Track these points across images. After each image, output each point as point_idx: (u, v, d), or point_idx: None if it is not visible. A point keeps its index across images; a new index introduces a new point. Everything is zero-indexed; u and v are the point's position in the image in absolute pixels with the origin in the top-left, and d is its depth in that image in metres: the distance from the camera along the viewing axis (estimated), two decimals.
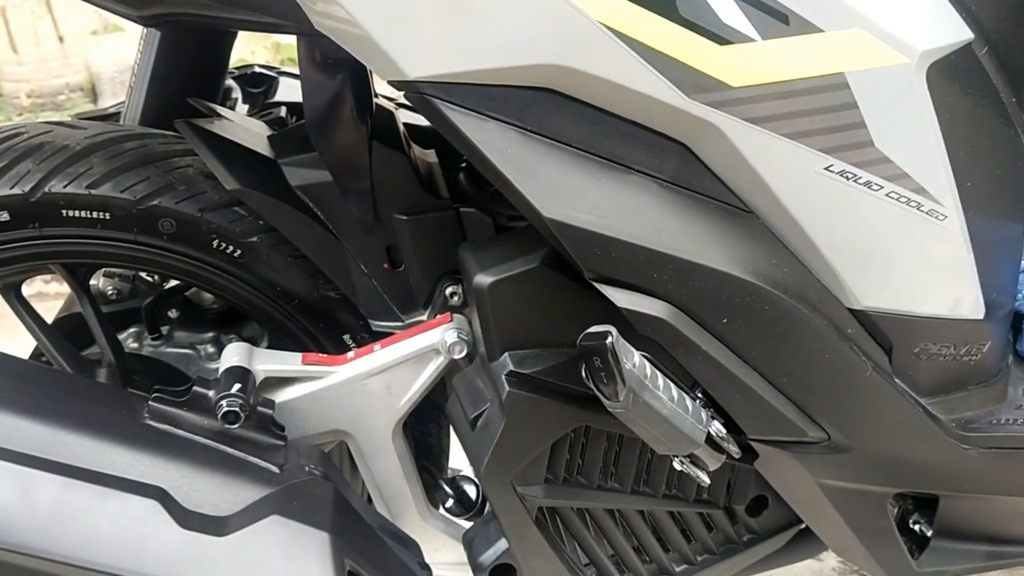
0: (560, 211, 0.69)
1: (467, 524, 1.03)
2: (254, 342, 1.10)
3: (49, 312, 1.09)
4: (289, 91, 1.23)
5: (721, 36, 0.66)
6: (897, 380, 0.83)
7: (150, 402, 0.80)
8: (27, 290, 1.03)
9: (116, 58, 3.93)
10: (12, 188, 0.88)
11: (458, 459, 1.20)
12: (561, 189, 0.70)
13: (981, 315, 0.85)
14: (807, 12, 0.68)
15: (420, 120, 1.05)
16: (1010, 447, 0.89)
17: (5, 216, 0.88)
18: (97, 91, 4.08)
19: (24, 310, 1.01)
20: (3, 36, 4.12)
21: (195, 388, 0.81)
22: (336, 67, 0.86)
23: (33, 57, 4.08)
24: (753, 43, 0.67)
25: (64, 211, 0.89)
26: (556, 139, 0.70)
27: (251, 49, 4.11)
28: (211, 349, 1.13)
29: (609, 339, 0.70)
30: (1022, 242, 0.89)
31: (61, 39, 4.14)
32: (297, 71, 1.29)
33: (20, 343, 1.11)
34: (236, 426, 0.81)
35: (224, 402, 0.81)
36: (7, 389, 0.76)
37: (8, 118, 3.85)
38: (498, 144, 0.69)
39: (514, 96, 0.68)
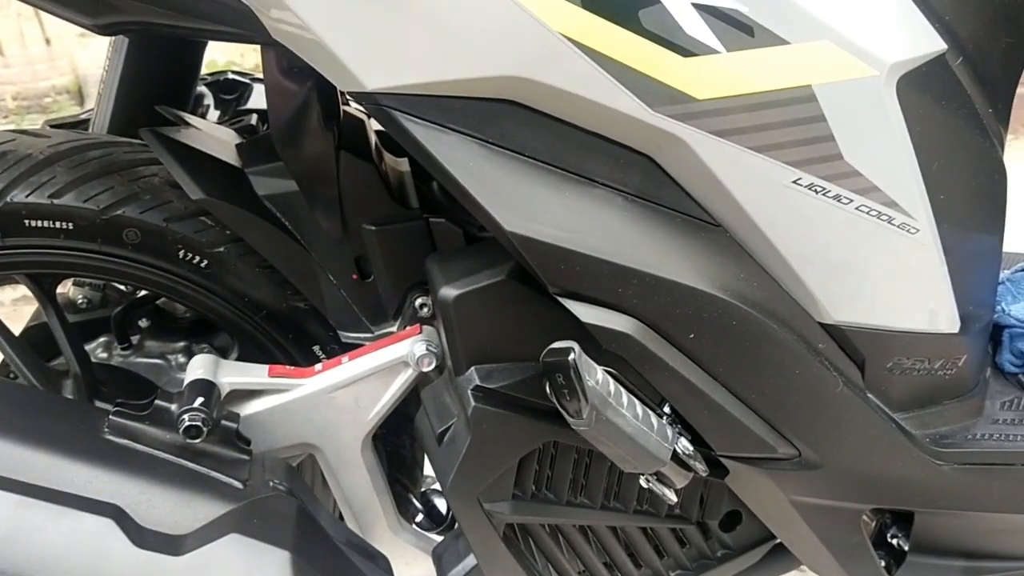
0: (523, 225, 0.68)
1: (438, 538, 1.01)
2: (225, 352, 1.08)
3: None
4: (262, 98, 1.22)
5: (685, 48, 0.65)
6: (870, 395, 0.82)
7: (110, 416, 0.79)
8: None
9: (103, 61, 3.91)
10: None
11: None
12: (523, 202, 0.68)
13: (956, 328, 0.84)
14: (772, 24, 0.66)
15: None
16: (985, 463, 0.88)
17: None
18: (84, 94, 4.05)
19: None
20: None
21: (157, 402, 0.80)
22: (301, 75, 0.84)
23: (19, 59, 4.05)
24: (718, 55, 0.66)
25: (27, 221, 0.88)
26: (518, 152, 0.68)
27: (240, 51, 4.09)
28: (182, 359, 1.12)
29: (571, 355, 0.68)
30: (999, 254, 0.88)
31: (48, 41, 4.11)
32: (255, 75, 1.28)
33: None
34: (198, 440, 0.80)
35: (186, 416, 0.79)
36: None
37: None
38: (459, 157, 0.67)
39: (475, 108, 0.67)
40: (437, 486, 1.04)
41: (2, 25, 4.05)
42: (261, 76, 1.24)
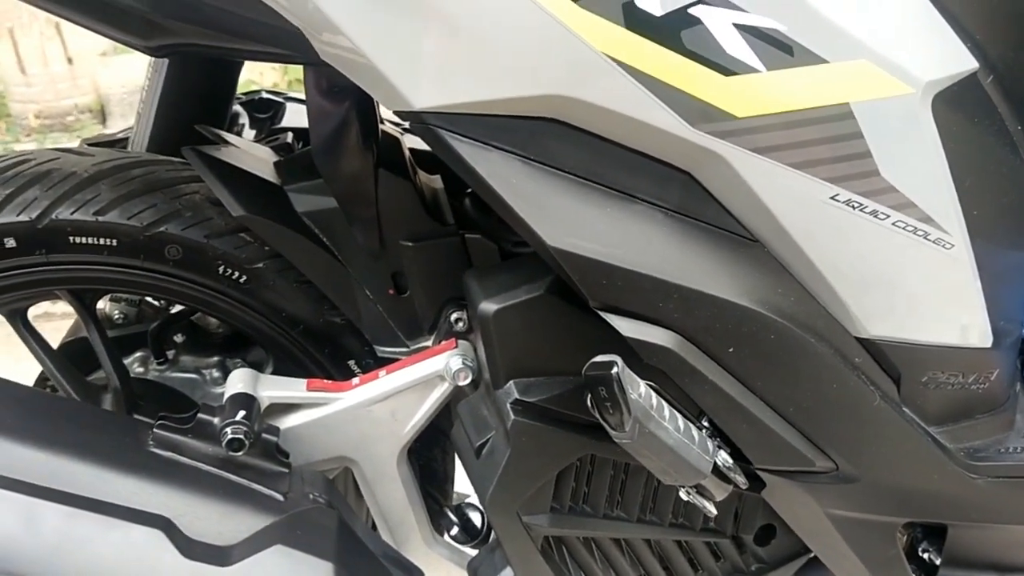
0: (565, 240, 0.69)
1: (472, 552, 1.02)
2: (259, 367, 1.10)
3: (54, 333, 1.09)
4: (296, 116, 1.24)
5: (726, 67, 0.66)
6: (905, 409, 0.83)
7: (155, 429, 0.80)
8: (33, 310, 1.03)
9: (125, 80, 3.96)
10: (19, 215, 0.88)
11: (463, 484, 1.20)
12: (566, 218, 0.70)
13: (989, 343, 0.84)
14: (811, 43, 0.68)
15: (425, 146, 1.05)
16: (1018, 476, 0.88)
17: (11, 243, 0.89)
18: (106, 112, 4.10)
19: (30, 335, 1.01)
20: (11, 57, 4.15)
21: (199, 415, 0.81)
22: (342, 95, 0.86)
23: (42, 78, 4.10)
24: (758, 74, 0.67)
25: (71, 238, 0.89)
26: (561, 168, 0.70)
27: (259, 70, 4.14)
28: (216, 374, 1.13)
29: (615, 369, 0.69)
30: None
31: (70, 60, 4.17)
32: (300, 96, 1.30)
33: (24, 368, 1.11)
34: (240, 453, 0.81)
35: (229, 429, 0.81)
36: (11, 417, 0.76)
37: (16, 139, 3.88)
38: (503, 174, 0.69)
39: (518, 126, 0.68)
40: (472, 499, 1.05)
41: (25, 44, 4.10)
42: (293, 95, 1.26)
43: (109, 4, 0.72)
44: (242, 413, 0.82)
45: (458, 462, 1.09)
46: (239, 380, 0.89)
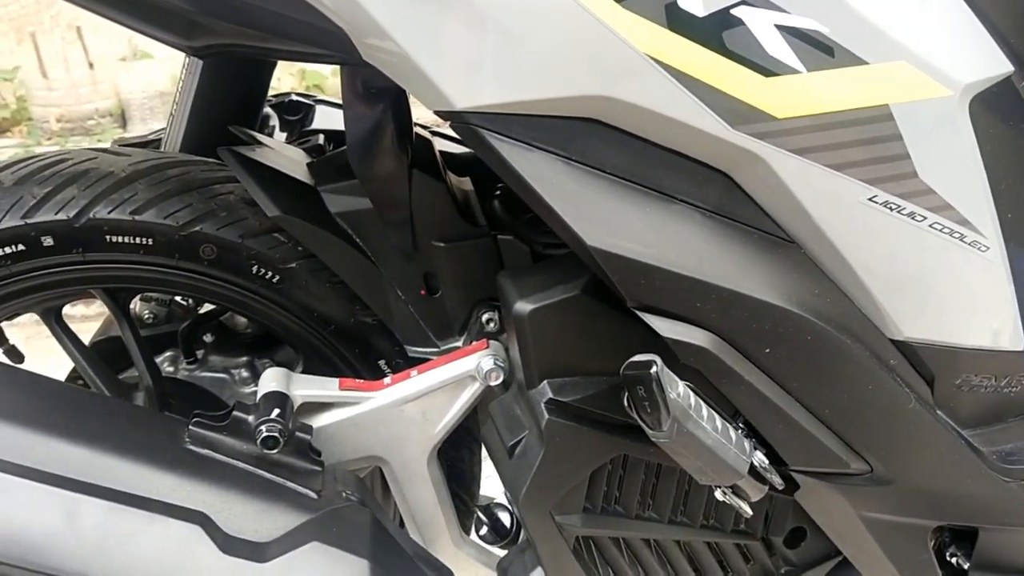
0: (604, 240, 0.70)
1: (500, 552, 1.02)
2: (288, 366, 1.10)
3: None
4: (326, 119, 1.25)
5: (767, 68, 0.67)
6: (939, 412, 0.83)
7: (190, 427, 0.81)
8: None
9: (145, 84, 3.99)
10: (57, 213, 0.89)
11: (488, 485, 1.20)
12: (605, 218, 0.70)
13: (1021, 346, 0.84)
14: (852, 45, 0.68)
15: (456, 148, 1.06)
16: None
17: (49, 241, 0.90)
18: (126, 116, 4.14)
19: (64, 333, 1.02)
20: (33, 61, 4.20)
21: (235, 413, 0.82)
22: (378, 96, 0.86)
23: (63, 82, 4.14)
24: (798, 75, 0.67)
25: (108, 237, 0.90)
26: (600, 169, 0.70)
27: (277, 75, 4.16)
28: (245, 374, 1.14)
29: (654, 368, 0.70)
30: None
31: (91, 65, 4.21)
32: (329, 98, 1.31)
33: (51, 363, 1.12)
34: (275, 451, 0.81)
35: (264, 427, 0.81)
36: (50, 412, 0.77)
37: (37, 142, 3.91)
38: (543, 174, 0.69)
39: (559, 126, 0.69)
40: (499, 500, 1.05)
41: (47, 49, 4.15)
42: (323, 98, 1.27)
43: (154, 4, 0.72)
44: (276, 411, 0.83)
45: (485, 462, 1.09)
46: (272, 379, 0.89)
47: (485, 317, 0.97)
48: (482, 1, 0.64)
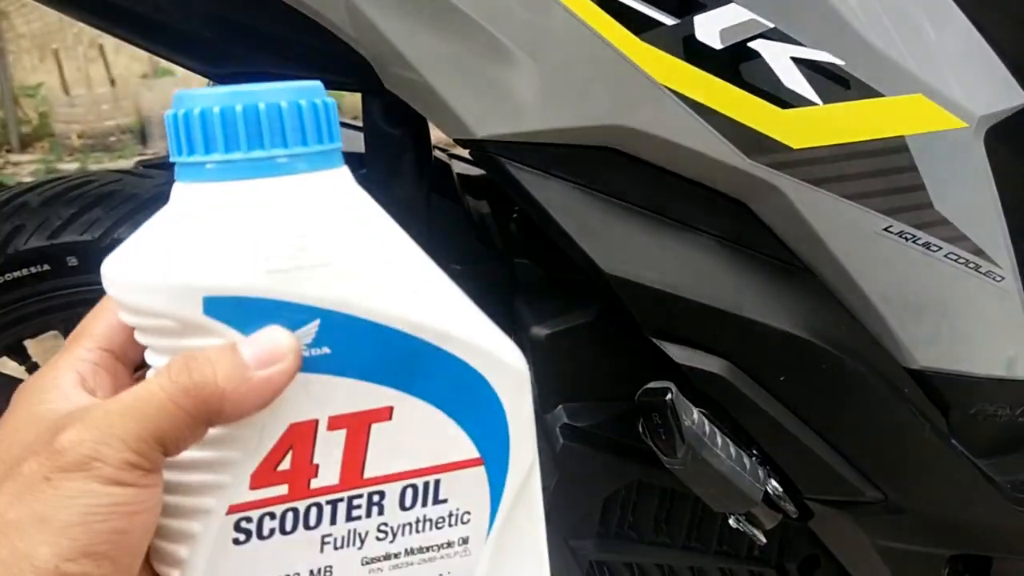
0: (621, 268, 0.71)
1: None
2: None
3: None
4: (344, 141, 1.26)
5: (783, 100, 0.68)
6: (954, 441, 0.83)
7: None
8: None
9: (166, 102, 3.95)
10: (82, 234, 0.90)
11: None
12: (622, 246, 0.71)
13: None
14: (868, 77, 0.69)
15: (473, 170, 1.07)
16: None
17: (74, 261, 0.91)
18: (146, 134, 4.18)
19: None
20: (56, 78, 4.26)
21: None
22: (399, 122, 0.88)
23: (85, 99, 4.19)
24: (814, 107, 0.68)
25: None
26: (617, 198, 0.71)
27: None
28: None
29: (669, 395, 0.70)
30: None
31: (112, 82, 4.26)
32: (347, 120, 1.33)
33: None
34: None
35: None
36: None
37: (59, 158, 3.95)
38: (561, 202, 0.70)
39: (578, 156, 0.70)
40: None
41: (69, 66, 4.20)
42: (342, 121, 1.28)
43: (179, 32, 0.74)
44: None
45: None
46: None
47: None
48: (503, 32, 0.65)
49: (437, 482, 0.35)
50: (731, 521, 0.82)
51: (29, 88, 4.36)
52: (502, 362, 0.36)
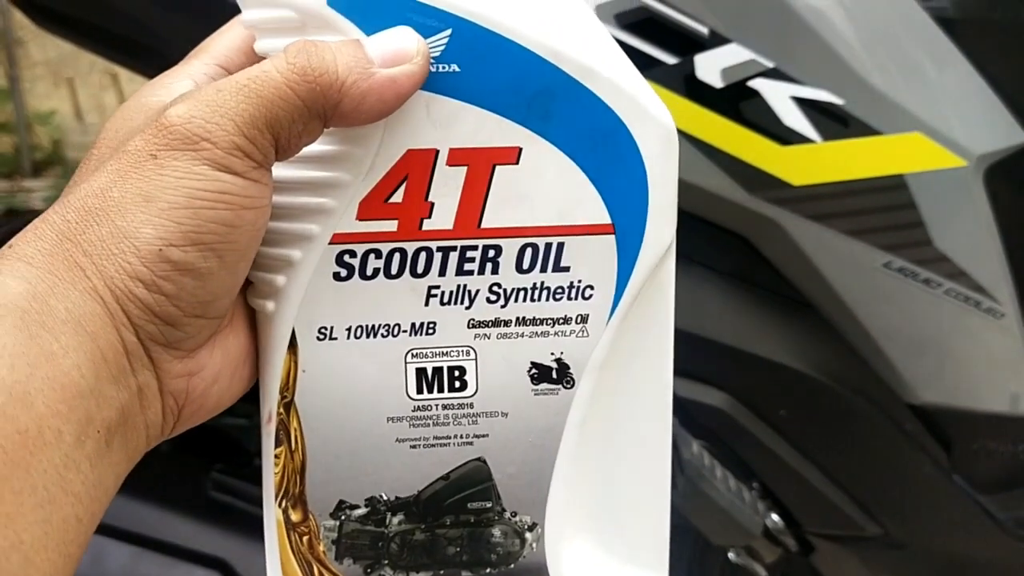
0: None
1: None
2: None
3: None
4: None
5: (783, 137, 0.69)
6: (955, 476, 0.83)
7: (213, 473, 0.82)
8: None
9: None
10: None
11: None
12: None
13: None
14: (866, 116, 0.70)
15: None
16: None
17: None
18: None
19: None
20: (69, 105, 4.30)
21: (256, 461, 0.83)
22: None
23: (98, 127, 4.23)
24: (814, 144, 0.69)
25: None
26: None
27: None
28: None
29: None
30: None
31: None
32: None
33: None
34: None
35: None
36: None
37: None
38: None
39: None
40: None
41: (82, 94, 4.25)
42: None
43: None
44: None
45: None
46: None
47: None
48: None
49: (560, 245, 0.31)
50: (731, 555, 0.82)
51: (43, 115, 4.41)
52: (649, 114, 0.31)
